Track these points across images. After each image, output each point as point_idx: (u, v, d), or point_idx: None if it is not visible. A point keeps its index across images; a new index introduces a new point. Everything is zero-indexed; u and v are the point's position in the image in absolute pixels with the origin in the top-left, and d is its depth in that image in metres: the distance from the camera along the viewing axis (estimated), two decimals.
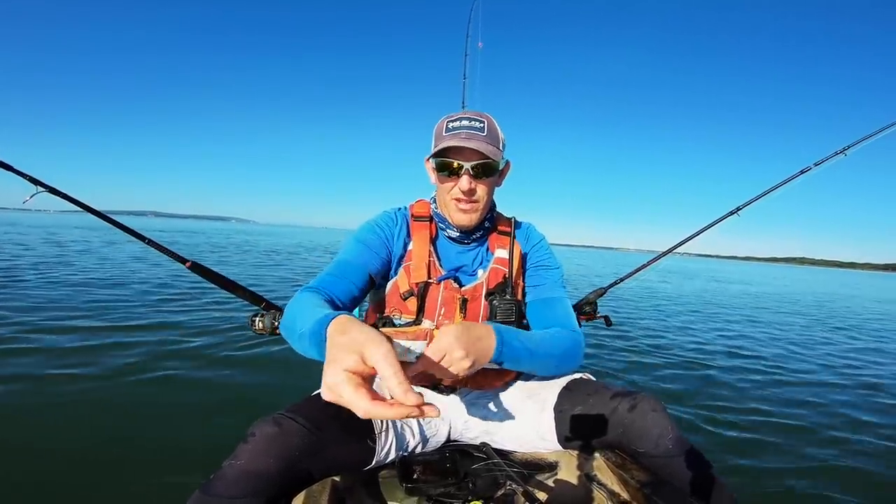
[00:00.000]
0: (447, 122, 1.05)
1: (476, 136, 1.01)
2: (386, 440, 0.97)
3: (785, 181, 1.83)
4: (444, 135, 1.04)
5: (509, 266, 1.11)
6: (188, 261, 1.54)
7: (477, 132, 1.02)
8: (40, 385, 2.39)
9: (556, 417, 1.04)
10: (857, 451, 2.24)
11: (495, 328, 0.93)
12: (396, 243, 1.13)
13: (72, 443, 1.88)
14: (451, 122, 1.04)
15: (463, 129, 1.02)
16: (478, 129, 1.02)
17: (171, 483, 1.61)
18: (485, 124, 1.03)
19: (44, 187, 1.43)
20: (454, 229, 1.12)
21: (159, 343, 3.29)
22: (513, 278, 1.11)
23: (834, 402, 3.03)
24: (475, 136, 1.01)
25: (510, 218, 1.21)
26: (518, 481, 0.94)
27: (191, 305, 4.70)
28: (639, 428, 0.92)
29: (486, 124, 1.03)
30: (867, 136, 1.77)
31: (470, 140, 1.00)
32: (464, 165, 1.01)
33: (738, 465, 2.01)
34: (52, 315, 3.87)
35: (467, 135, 1.01)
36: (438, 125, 1.08)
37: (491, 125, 1.04)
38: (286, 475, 0.78)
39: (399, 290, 1.08)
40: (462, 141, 0.99)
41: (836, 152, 1.79)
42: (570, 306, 1.18)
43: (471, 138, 1.00)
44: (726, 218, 1.90)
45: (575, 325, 1.14)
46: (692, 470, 0.90)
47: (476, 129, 1.02)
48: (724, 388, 3.10)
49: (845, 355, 4.61)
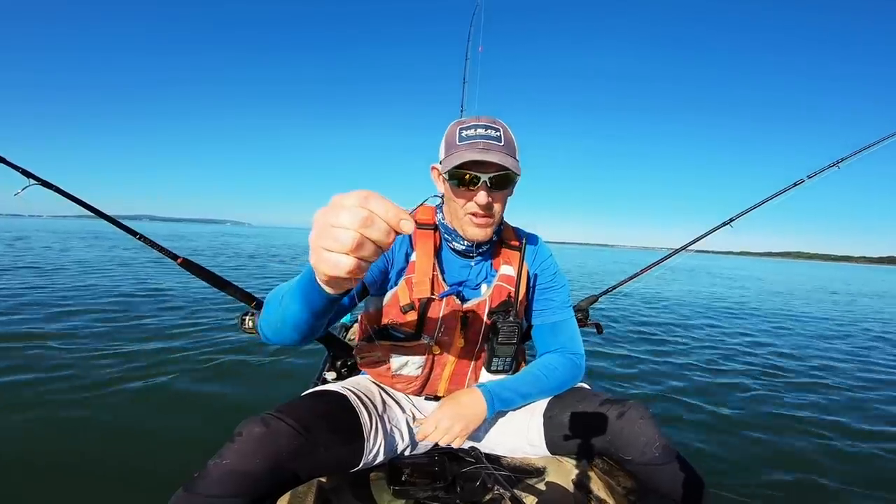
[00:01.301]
0: (460, 130, 0.97)
1: (494, 147, 0.94)
2: (375, 442, 0.97)
3: (778, 193, 1.84)
4: (457, 143, 0.95)
5: (516, 285, 1.05)
6: (179, 257, 1.53)
7: (494, 142, 0.94)
8: (18, 389, 2.35)
9: (545, 423, 1.05)
10: (852, 461, 2.24)
11: (483, 391, 1.01)
12: (398, 254, 1.05)
13: (53, 447, 1.85)
14: (465, 129, 0.96)
15: (479, 138, 0.94)
16: (494, 138, 0.95)
17: (155, 482, 1.59)
18: (501, 133, 0.96)
19: (36, 180, 1.41)
20: (461, 242, 1.05)
21: (143, 342, 3.26)
22: (518, 298, 1.06)
23: (835, 403, 3.04)
24: (493, 146, 0.94)
25: (516, 229, 1.17)
26: (506, 486, 0.95)
27: (176, 304, 4.66)
28: (626, 436, 0.92)
29: (503, 133, 0.96)
30: (861, 149, 1.79)
31: (488, 152, 0.92)
32: (481, 178, 0.93)
33: (726, 474, 2.02)
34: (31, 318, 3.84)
35: (485, 145, 0.93)
36: (450, 132, 0.99)
37: (507, 134, 0.97)
38: (272, 476, 0.77)
39: (399, 302, 1.02)
40: (480, 153, 0.92)
41: (830, 165, 1.81)
42: (576, 324, 1.19)
43: (489, 149, 0.93)
44: (720, 228, 1.91)
45: (579, 347, 1.15)
46: (678, 478, 0.90)
47: (493, 139, 0.94)
48: (715, 396, 3.11)
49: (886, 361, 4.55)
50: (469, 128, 0.96)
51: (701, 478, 0.92)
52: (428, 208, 1.12)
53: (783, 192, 1.84)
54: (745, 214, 1.88)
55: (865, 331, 6.49)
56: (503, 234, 1.13)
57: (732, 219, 1.89)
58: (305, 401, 0.94)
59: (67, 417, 2.08)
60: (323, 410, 0.92)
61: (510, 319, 1.02)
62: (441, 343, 1.05)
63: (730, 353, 4.47)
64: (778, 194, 1.84)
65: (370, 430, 0.96)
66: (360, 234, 0.43)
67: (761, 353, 4.52)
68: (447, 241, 1.08)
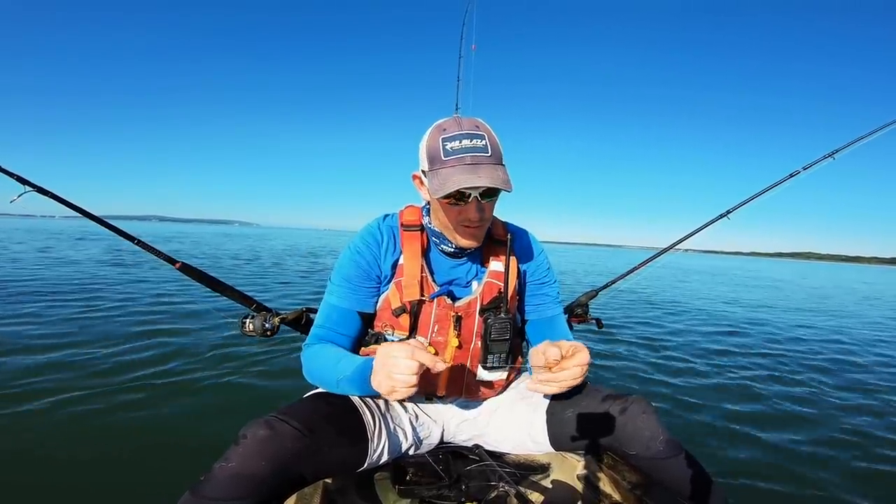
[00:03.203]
0: (443, 141, 0.92)
1: (482, 161, 0.91)
2: (379, 442, 0.97)
3: (774, 185, 1.85)
4: (443, 160, 0.91)
5: (504, 280, 1.04)
6: (178, 262, 1.52)
7: (481, 153, 0.91)
8: (20, 393, 2.33)
9: (548, 420, 1.05)
10: (857, 454, 2.25)
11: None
12: (384, 263, 1.06)
13: (58, 449, 1.84)
14: (448, 141, 0.92)
15: (465, 151, 0.90)
16: (481, 149, 0.91)
17: (161, 485, 1.59)
18: (486, 141, 0.92)
19: (32, 187, 1.40)
20: (450, 245, 1.04)
21: (145, 348, 3.24)
22: (508, 293, 1.05)
23: (835, 402, 3.05)
24: (481, 159, 0.91)
25: (504, 223, 1.17)
26: (510, 483, 0.95)
27: (177, 308, 4.64)
28: (630, 430, 0.93)
29: (488, 140, 0.92)
30: (855, 140, 1.80)
31: (479, 168, 0.89)
32: (472, 194, 0.92)
33: (731, 467, 2.03)
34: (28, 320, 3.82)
35: (473, 160, 0.90)
36: (430, 142, 0.95)
37: (492, 141, 0.93)
38: (278, 478, 0.77)
39: (391, 306, 1.04)
40: (470, 172, 0.89)
41: (825, 156, 1.81)
42: (564, 317, 1.22)
43: (478, 164, 0.90)
44: (716, 221, 1.92)
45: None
46: (683, 472, 0.91)
47: (479, 150, 0.91)
48: (717, 390, 3.12)
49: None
50: (453, 139, 0.92)
51: (706, 471, 0.92)
52: (414, 209, 1.12)
53: (779, 183, 1.85)
54: (741, 206, 1.89)
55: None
56: (492, 230, 1.12)
57: (730, 211, 1.90)
58: (309, 402, 0.94)
59: (68, 419, 2.07)
60: (326, 412, 0.92)
61: (501, 316, 1.02)
62: (435, 343, 1.05)
63: (728, 353, 4.49)
64: (774, 186, 1.85)
65: (374, 431, 0.97)
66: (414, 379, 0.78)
67: (765, 358, 4.54)
68: (435, 243, 1.08)
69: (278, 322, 1.48)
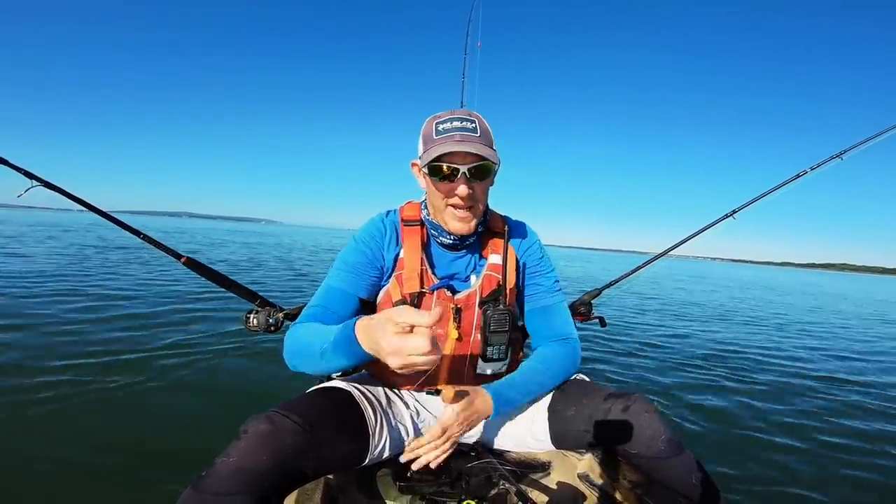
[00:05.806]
0: (436, 124, 0.99)
1: (470, 138, 0.96)
2: (380, 437, 0.97)
3: (781, 184, 1.83)
4: (434, 138, 0.98)
5: (503, 272, 1.08)
6: (183, 256, 1.53)
7: (470, 133, 0.96)
8: (25, 388, 2.34)
9: (550, 418, 1.05)
10: (855, 459, 2.24)
11: (492, 392, 1.00)
12: (387, 255, 1.08)
13: (62, 447, 1.85)
14: (441, 123, 0.98)
15: (455, 130, 0.96)
16: (470, 129, 0.97)
17: (162, 480, 1.60)
18: (476, 124, 0.98)
19: (39, 182, 1.41)
20: (448, 236, 1.07)
21: (149, 341, 3.26)
22: (506, 285, 1.08)
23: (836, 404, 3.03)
24: (469, 137, 0.96)
25: (503, 217, 1.18)
26: (511, 481, 0.95)
27: (179, 303, 4.67)
28: (631, 429, 0.92)
29: (478, 124, 0.99)
30: (864, 141, 1.77)
31: (465, 143, 0.95)
32: (460, 169, 0.96)
33: (731, 468, 2.02)
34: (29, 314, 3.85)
35: (461, 136, 0.96)
36: (426, 127, 1.01)
37: (482, 125, 0.99)
38: (279, 473, 0.78)
39: (391, 298, 1.05)
40: (457, 144, 0.94)
41: (833, 156, 1.79)
42: (567, 308, 1.20)
43: (465, 140, 0.95)
44: (722, 220, 1.90)
45: (572, 330, 1.16)
46: (684, 472, 0.90)
47: (469, 130, 0.97)
48: (719, 391, 3.11)
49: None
50: (445, 121, 0.98)
51: (707, 472, 0.92)
52: (414, 205, 1.15)
53: (786, 183, 1.82)
54: (747, 206, 1.87)
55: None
56: (490, 224, 1.15)
57: (735, 210, 1.88)
58: (310, 397, 0.95)
59: (70, 416, 2.08)
60: (328, 407, 0.92)
61: (500, 308, 1.04)
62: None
63: (731, 353, 4.47)
64: (781, 186, 1.83)
65: (375, 426, 0.97)
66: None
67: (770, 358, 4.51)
68: (434, 236, 1.10)
69: (282, 317, 1.48)
